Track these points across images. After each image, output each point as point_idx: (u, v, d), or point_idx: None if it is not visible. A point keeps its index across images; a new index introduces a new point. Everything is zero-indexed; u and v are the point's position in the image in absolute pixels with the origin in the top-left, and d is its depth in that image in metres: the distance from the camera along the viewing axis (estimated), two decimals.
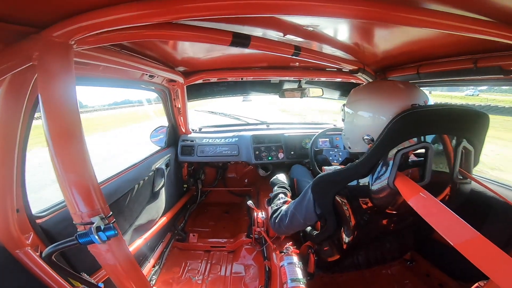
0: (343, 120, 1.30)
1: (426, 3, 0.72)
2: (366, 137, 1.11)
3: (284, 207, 1.38)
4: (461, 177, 1.06)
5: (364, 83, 1.90)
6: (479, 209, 1.28)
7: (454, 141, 1.02)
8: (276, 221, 1.37)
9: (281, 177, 1.85)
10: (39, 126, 0.71)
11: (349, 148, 1.25)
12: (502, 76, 1.13)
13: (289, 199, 1.54)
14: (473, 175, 1.10)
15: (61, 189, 0.65)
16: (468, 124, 1.03)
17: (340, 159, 2.37)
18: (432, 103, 1.07)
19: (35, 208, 1.02)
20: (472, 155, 1.07)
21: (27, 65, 0.70)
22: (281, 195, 1.58)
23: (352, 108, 1.19)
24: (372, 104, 1.10)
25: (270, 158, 2.56)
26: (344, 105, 1.29)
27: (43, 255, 0.76)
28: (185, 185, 2.86)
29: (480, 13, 0.75)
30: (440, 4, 0.72)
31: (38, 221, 1.02)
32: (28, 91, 0.82)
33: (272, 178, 1.89)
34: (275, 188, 1.70)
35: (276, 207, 1.46)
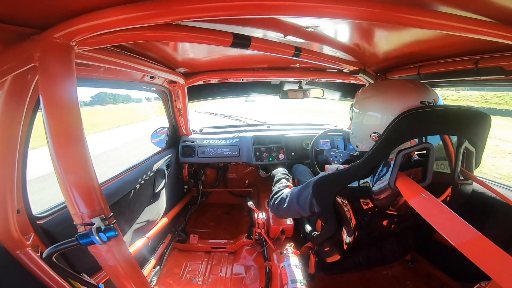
0: (351, 119, 1.30)
1: (427, 4, 0.73)
2: (374, 134, 1.10)
3: (286, 191, 1.40)
4: (463, 178, 1.05)
5: (372, 82, 1.90)
6: (480, 209, 1.28)
7: (455, 142, 1.02)
8: (276, 202, 1.39)
9: (282, 169, 1.86)
10: None
11: (357, 147, 1.25)
12: (503, 76, 1.12)
13: (291, 184, 1.57)
14: (475, 176, 1.10)
15: (62, 190, 0.65)
16: (469, 125, 1.02)
17: (340, 160, 2.37)
18: (442, 102, 1.06)
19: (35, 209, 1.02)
20: (474, 156, 1.06)
21: (28, 66, 0.70)
22: (283, 180, 1.61)
23: (360, 107, 1.18)
24: (379, 102, 1.09)
25: (270, 159, 2.56)
26: (352, 104, 1.29)
27: (44, 255, 0.76)
28: (186, 186, 2.86)
29: (481, 14, 0.75)
30: (441, 4, 0.72)
31: (39, 221, 1.02)
32: (29, 92, 0.82)
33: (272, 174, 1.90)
34: (278, 174, 1.73)
35: (277, 189, 1.49)
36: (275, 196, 1.43)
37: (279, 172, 1.79)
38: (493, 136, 10.98)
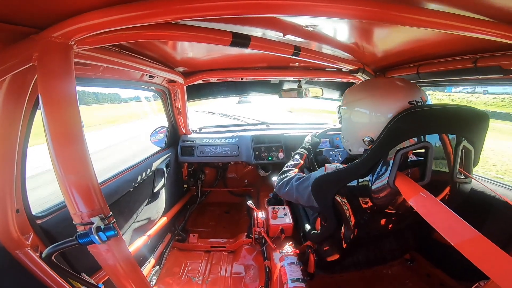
0: (340, 122, 1.29)
1: (426, 3, 0.73)
2: (367, 138, 1.10)
3: (291, 174, 1.42)
4: (461, 177, 1.06)
5: (358, 82, 1.90)
6: (479, 208, 1.28)
7: (454, 141, 1.02)
8: (279, 184, 1.43)
9: (308, 139, 1.84)
10: None
11: (350, 150, 1.25)
12: (502, 75, 1.13)
13: (302, 162, 1.59)
14: (473, 175, 1.10)
15: (61, 190, 0.65)
16: (468, 124, 1.03)
17: (340, 158, 2.37)
18: (431, 101, 1.07)
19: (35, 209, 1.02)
20: (472, 155, 1.07)
21: (27, 66, 0.70)
22: (296, 156, 1.63)
23: (350, 109, 1.18)
24: (370, 103, 1.09)
25: (270, 158, 2.56)
26: (339, 106, 1.28)
27: (43, 255, 0.76)
28: (185, 185, 2.86)
29: (480, 13, 0.75)
30: (440, 3, 0.72)
31: (38, 221, 1.02)
32: (28, 91, 0.82)
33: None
34: (300, 148, 1.74)
35: (286, 169, 1.52)
36: (280, 177, 1.46)
37: (304, 142, 1.79)
38: None
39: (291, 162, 1.59)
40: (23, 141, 0.90)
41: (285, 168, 1.54)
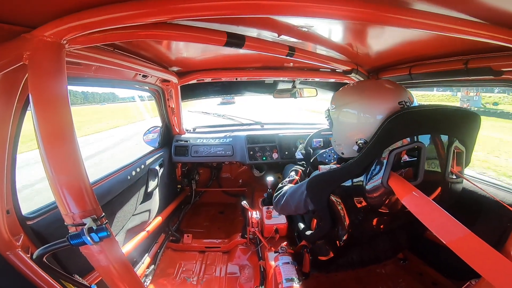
0: (330, 126, 1.29)
1: (417, 4, 0.73)
2: (360, 141, 1.10)
3: (286, 188, 1.42)
4: (453, 177, 1.07)
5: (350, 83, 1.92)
6: (470, 208, 1.30)
7: (446, 141, 1.04)
8: (275, 200, 1.44)
9: (297, 154, 1.94)
10: None
11: (342, 154, 1.24)
12: (492, 77, 1.15)
13: (297, 177, 1.60)
14: (465, 175, 1.12)
15: (52, 190, 0.64)
16: (459, 124, 1.04)
17: (335, 156, 2.39)
18: (416, 102, 1.09)
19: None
20: (464, 155, 1.08)
21: (18, 65, 0.69)
22: (292, 173, 1.66)
23: (341, 112, 1.18)
24: (362, 106, 1.09)
25: (264, 158, 2.56)
26: (328, 110, 1.28)
27: (34, 256, 0.75)
28: (179, 186, 2.84)
29: (471, 15, 0.76)
30: (432, 5, 0.73)
31: (29, 222, 1.00)
32: (18, 91, 0.81)
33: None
34: (295, 165, 1.80)
35: (281, 185, 1.53)
36: (276, 193, 1.47)
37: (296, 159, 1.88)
38: None
39: (286, 179, 1.60)
40: (13, 141, 0.88)
41: (280, 185, 1.54)
